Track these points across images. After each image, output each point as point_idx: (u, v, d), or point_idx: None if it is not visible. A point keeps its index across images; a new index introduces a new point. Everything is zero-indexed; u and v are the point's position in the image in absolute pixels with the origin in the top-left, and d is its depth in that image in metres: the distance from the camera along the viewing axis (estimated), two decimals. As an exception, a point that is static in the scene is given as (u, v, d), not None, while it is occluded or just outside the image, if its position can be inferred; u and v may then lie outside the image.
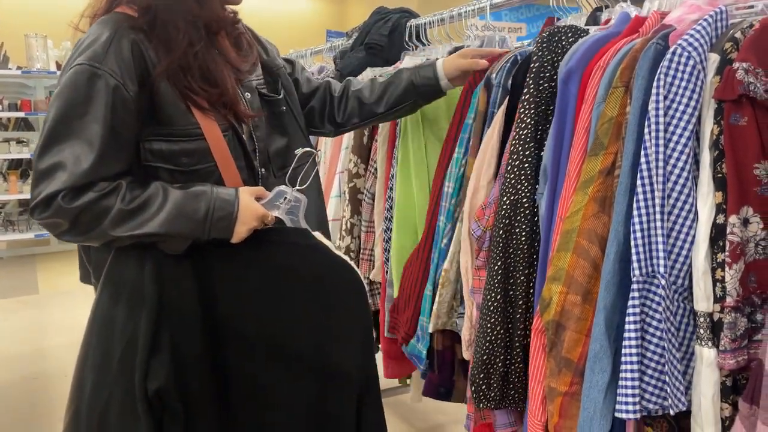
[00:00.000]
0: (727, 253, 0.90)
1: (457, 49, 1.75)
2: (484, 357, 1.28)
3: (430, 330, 1.50)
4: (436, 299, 1.48)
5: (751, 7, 1.01)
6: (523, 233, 1.25)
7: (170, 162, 1.11)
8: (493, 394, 1.28)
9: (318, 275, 1.18)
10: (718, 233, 0.92)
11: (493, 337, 1.27)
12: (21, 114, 5.33)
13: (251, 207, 1.10)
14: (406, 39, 2.02)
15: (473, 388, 1.29)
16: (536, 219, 1.25)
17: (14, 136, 5.49)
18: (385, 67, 1.97)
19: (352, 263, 1.22)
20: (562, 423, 1.08)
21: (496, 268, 1.27)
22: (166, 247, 1.09)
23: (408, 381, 2.05)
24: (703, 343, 0.93)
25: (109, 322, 1.12)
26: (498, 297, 1.27)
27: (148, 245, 1.08)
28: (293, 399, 1.16)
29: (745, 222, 0.90)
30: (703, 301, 0.92)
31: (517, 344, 1.26)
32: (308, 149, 1.23)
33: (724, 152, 0.91)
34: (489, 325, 1.27)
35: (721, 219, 0.91)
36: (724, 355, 0.90)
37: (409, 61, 1.90)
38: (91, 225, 1.02)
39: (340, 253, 1.21)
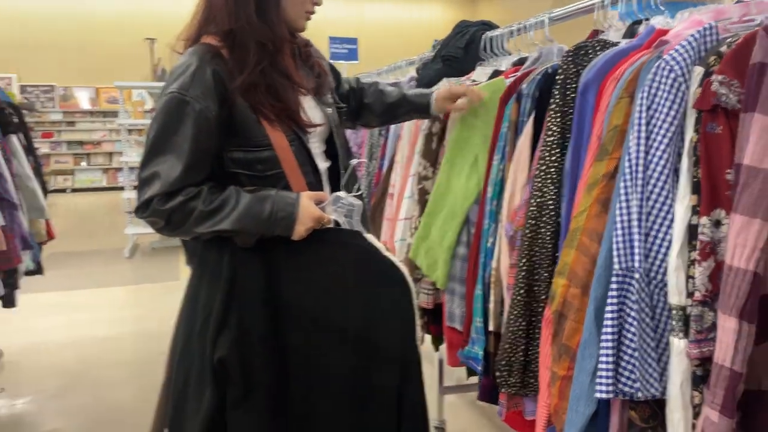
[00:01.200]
0: (697, 252, 0.99)
1: (522, 60, 1.90)
2: (507, 346, 1.42)
3: (491, 329, 1.61)
4: (491, 298, 1.61)
5: (752, 20, 1.08)
6: (548, 233, 1.39)
7: (247, 169, 1.32)
8: (513, 380, 1.42)
9: (366, 272, 1.35)
10: (692, 233, 1.01)
11: (515, 329, 1.42)
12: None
13: (309, 209, 1.29)
14: (481, 50, 2.17)
15: (497, 375, 1.44)
16: (560, 220, 1.37)
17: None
18: (460, 77, 2.14)
19: (400, 263, 1.38)
20: (559, 404, 1.21)
21: (522, 265, 1.41)
22: (238, 240, 1.31)
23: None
24: (675, 334, 1.03)
25: (194, 300, 1.37)
26: (522, 292, 1.41)
27: (228, 237, 1.30)
28: (341, 374, 1.34)
29: (717, 223, 0.99)
30: (675, 295, 1.02)
31: (538, 336, 1.39)
32: (362, 160, 1.45)
33: (700, 158, 1.00)
34: (512, 318, 1.42)
35: (695, 220, 1.01)
36: (690, 345, 0.99)
37: (479, 71, 2.06)
38: (180, 223, 1.26)
39: (389, 255, 1.39)
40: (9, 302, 3.01)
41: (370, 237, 1.37)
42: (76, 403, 2.89)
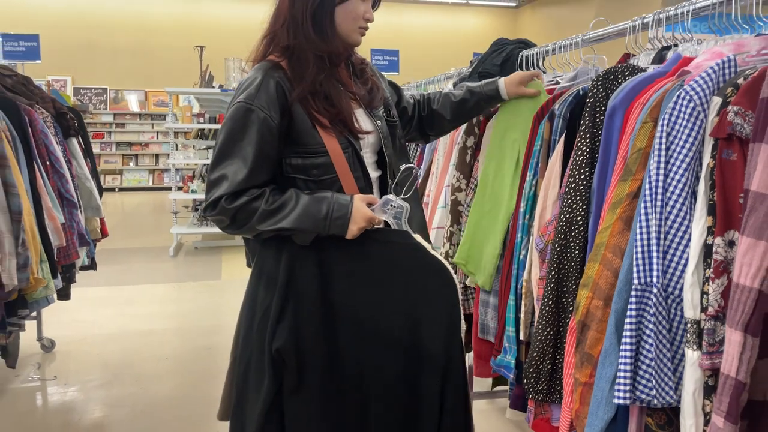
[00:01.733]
0: (711, 270, 1.07)
1: (556, 78, 1.98)
2: (535, 355, 1.51)
3: (522, 338, 1.70)
4: (522, 309, 1.71)
5: (771, 53, 1.16)
6: (577, 247, 1.47)
7: (304, 173, 1.43)
8: (540, 387, 1.51)
9: (414, 269, 1.44)
10: (707, 252, 1.09)
11: (543, 338, 1.50)
12: (218, 126, 6.36)
13: (362, 210, 1.39)
14: (517, 68, 2.26)
15: (525, 382, 1.53)
16: (588, 235, 1.46)
17: (213, 144, 6.53)
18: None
19: (447, 263, 1.48)
20: (581, 409, 1.29)
21: (551, 277, 1.50)
22: (297, 239, 1.40)
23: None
24: (690, 346, 1.11)
25: (254, 297, 1.48)
26: (551, 303, 1.50)
27: (285, 238, 1.41)
28: (388, 373, 1.43)
29: (731, 243, 1.07)
30: (690, 309, 1.10)
31: (565, 345, 1.48)
32: (410, 165, 1.54)
33: (716, 182, 1.08)
34: (541, 327, 1.51)
35: (710, 240, 1.09)
36: (703, 357, 1.07)
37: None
38: (244, 221, 1.37)
39: (437, 254, 1.49)
40: (64, 295, 3.22)
41: (417, 237, 1.46)
42: (120, 393, 3.07)
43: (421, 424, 1.44)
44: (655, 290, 1.13)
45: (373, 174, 1.52)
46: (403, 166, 1.52)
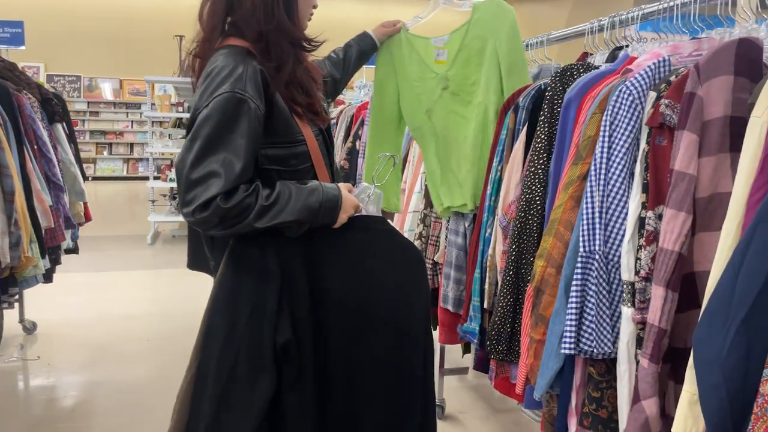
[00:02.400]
0: (643, 239, 1.27)
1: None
2: (497, 319, 1.71)
3: (485, 306, 1.90)
4: (486, 281, 1.90)
5: (699, 55, 1.36)
6: (535, 224, 1.67)
7: (281, 164, 1.38)
8: (501, 348, 1.70)
9: (393, 253, 1.46)
10: (641, 224, 1.29)
11: (504, 304, 1.70)
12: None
13: (349, 199, 1.40)
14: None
15: (488, 344, 1.72)
16: (545, 213, 1.65)
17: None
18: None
19: (414, 244, 1.63)
20: (535, 363, 1.49)
21: (512, 251, 1.69)
22: (289, 232, 1.36)
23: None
24: (625, 304, 1.30)
25: (233, 293, 1.38)
26: (511, 273, 1.69)
27: (266, 231, 1.32)
28: (378, 358, 1.41)
29: (660, 216, 1.27)
30: (626, 272, 1.30)
31: (523, 311, 1.67)
32: (389, 154, 1.65)
33: (649, 164, 1.28)
34: (502, 295, 1.70)
35: (643, 213, 1.28)
36: (635, 312, 1.27)
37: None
38: (237, 219, 1.27)
39: (405, 236, 1.64)
40: (48, 278, 3.33)
41: (390, 222, 1.58)
42: (103, 373, 3.21)
43: (410, 405, 1.44)
44: (597, 257, 1.33)
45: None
46: (382, 155, 1.63)
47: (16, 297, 3.67)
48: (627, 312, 1.30)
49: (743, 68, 1.16)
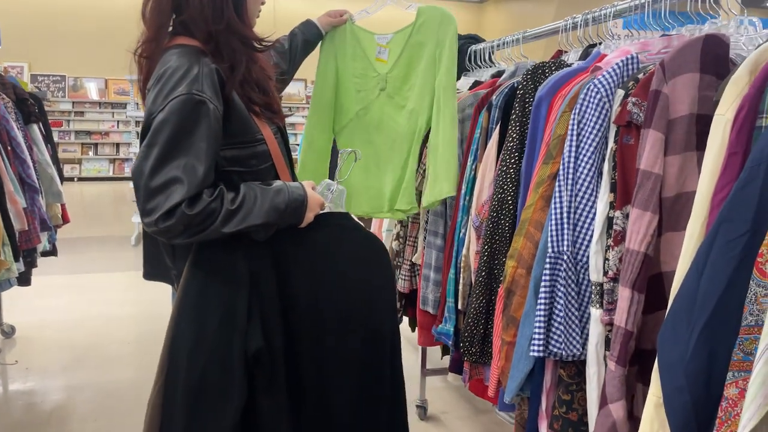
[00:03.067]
0: (611, 239, 1.25)
1: (499, 72, 2.15)
2: (470, 321, 1.69)
3: (460, 308, 1.88)
4: (461, 281, 1.88)
5: (667, 53, 1.34)
6: (507, 224, 1.65)
7: (241, 165, 1.35)
8: (474, 350, 1.68)
9: (360, 250, 1.44)
10: (610, 224, 1.27)
11: (477, 305, 1.68)
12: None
13: (314, 197, 1.37)
14: (467, 62, 2.43)
15: (461, 346, 1.70)
16: (517, 213, 1.64)
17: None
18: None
19: (378, 238, 1.55)
20: (506, 365, 1.47)
21: (484, 251, 1.67)
22: (257, 235, 1.32)
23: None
24: (594, 305, 1.29)
25: (200, 300, 1.33)
26: (484, 274, 1.67)
27: (233, 236, 1.28)
28: (347, 355, 1.39)
29: (628, 216, 1.25)
30: (594, 273, 1.28)
31: (495, 312, 1.65)
32: (352, 150, 1.59)
33: (617, 163, 1.26)
34: (474, 296, 1.68)
35: (611, 213, 1.27)
36: (603, 314, 1.25)
37: (463, 81, 2.32)
38: (203, 226, 1.23)
39: (370, 232, 1.57)
40: (25, 281, 3.28)
41: (355, 217, 1.48)
42: (83, 376, 3.16)
43: (379, 404, 1.44)
44: (565, 257, 1.31)
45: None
46: (343, 150, 1.56)
47: (-7, 300, 3.65)
48: (596, 313, 1.28)
49: (709, 65, 1.14)
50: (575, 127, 1.33)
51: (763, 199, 0.93)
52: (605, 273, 1.27)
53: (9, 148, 3.00)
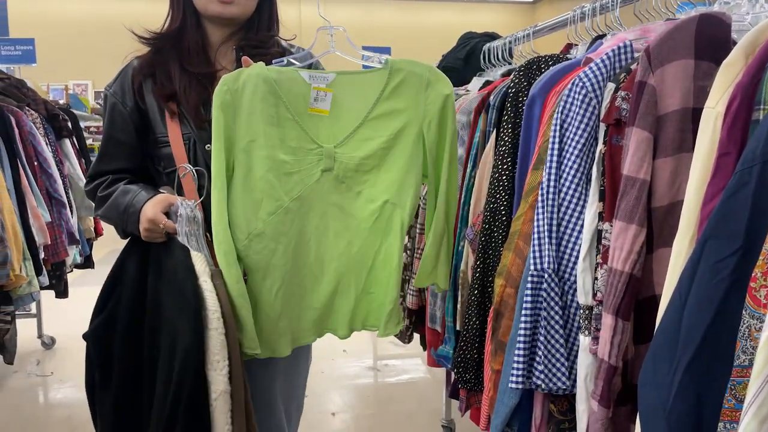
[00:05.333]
0: (599, 255, 1.08)
1: (510, 71, 1.99)
2: (462, 344, 1.53)
3: (458, 328, 1.72)
4: (459, 299, 1.71)
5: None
6: (500, 237, 1.49)
7: (159, 165, 1.40)
8: (468, 377, 1.52)
9: (175, 287, 1.22)
10: (599, 238, 1.10)
11: (470, 327, 1.52)
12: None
13: (146, 210, 1.27)
14: (481, 61, 2.27)
15: (455, 371, 1.55)
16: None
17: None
18: (457, 88, 2.25)
19: (204, 291, 1.20)
20: (495, 396, 1.31)
21: (477, 267, 1.52)
22: (116, 230, 1.38)
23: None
24: (582, 332, 1.11)
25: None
26: (476, 293, 1.51)
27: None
28: (165, 367, 1.20)
29: (618, 229, 1.07)
30: (582, 295, 1.11)
31: (486, 336, 1.49)
32: (199, 168, 1.32)
33: (605, 168, 1.09)
34: (467, 317, 1.52)
35: (600, 225, 1.09)
36: (592, 342, 1.08)
37: (475, 81, 2.17)
38: (93, 203, 1.43)
39: (206, 282, 1.21)
40: (62, 294, 3.33)
41: (195, 255, 1.23)
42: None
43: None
44: (546, 276, 1.15)
45: None
46: (184, 165, 1.32)
47: (24, 316, 3.73)
48: (584, 341, 1.11)
49: (706, 50, 0.96)
50: (557, 129, 1.16)
51: (757, 210, 0.75)
52: (594, 295, 1.10)
53: (36, 163, 3.04)
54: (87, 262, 3.67)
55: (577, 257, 1.15)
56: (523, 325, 1.16)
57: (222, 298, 1.20)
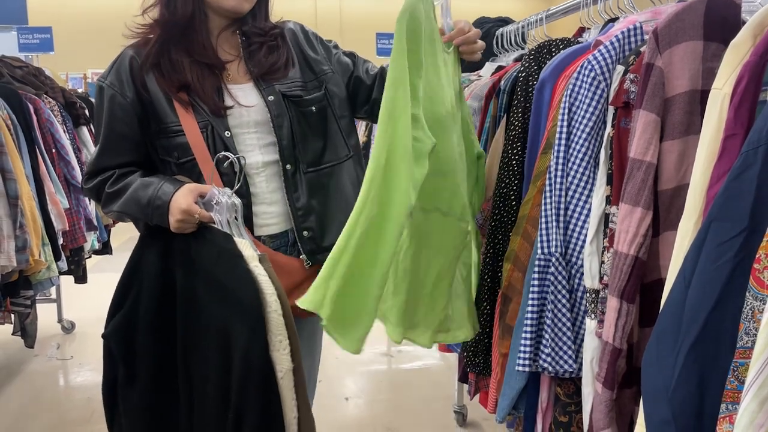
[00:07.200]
0: (606, 239, 1.08)
1: (523, 56, 1.98)
2: (473, 327, 1.53)
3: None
4: (472, 285, 1.71)
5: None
6: (510, 222, 1.49)
7: (169, 155, 1.33)
8: (478, 360, 1.53)
9: (220, 275, 1.23)
10: (606, 221, 1.10)
11: (480, 312, 1.52)
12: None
13: (178, 201, 1.23)
14: (494, 46, 2.26)
15: (464, 355, 1.55)
16: (521, 210, 1.47)
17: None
18: (469, 73, 2.24)
19: (264, 278, 1.21)
20: (501, 379, 1.32)
21: (487, 252, 1.52)
22: (136, 225, 1.36)
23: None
24: (589, 315, 1.11)
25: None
26: (487, 278, 1.52)
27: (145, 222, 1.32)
28: (211, 370, 1.24)
29: (626, 212, 1.07)
30: (589, 278, 1.11)
31: (494, 320, 1.49)
32: (240, 155, 1.30)
33: (613, 151, 1.08)
34: (478, 302, 1.53)
35: (608, 209, 1.09)
36: (598, 325, 1.08)
37: (488, 67, 2.16)
38: (97, 200, 1.38)
39: (256, 266, 1.21)
40: (81, 279, 3.39)
41: (240, 241, 1.24)
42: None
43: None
44: (554, 260, 1.15)
45: (266, 157, 1.36)
46: (222, 154, 1.31)
47: (44, 300, 3.80)
48: (590, 324, 1.11)
49: (716, 31, 0.95)
50: (566, 112, 1.15)
51: (762, 192, 0.74)
52: (600, 279, 1.09)
53: (54, 150, 3.09)
54: (105, 248, 3.72)
55: (584, 241, 1.15)
56: (530, 309, 1.16)
57: (275, 280, 1.21)
